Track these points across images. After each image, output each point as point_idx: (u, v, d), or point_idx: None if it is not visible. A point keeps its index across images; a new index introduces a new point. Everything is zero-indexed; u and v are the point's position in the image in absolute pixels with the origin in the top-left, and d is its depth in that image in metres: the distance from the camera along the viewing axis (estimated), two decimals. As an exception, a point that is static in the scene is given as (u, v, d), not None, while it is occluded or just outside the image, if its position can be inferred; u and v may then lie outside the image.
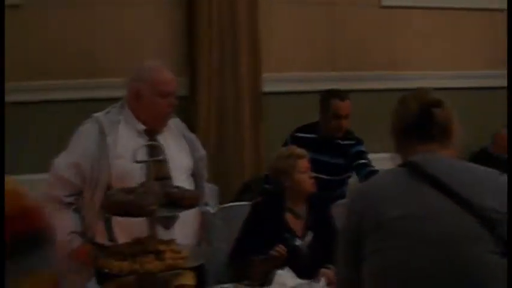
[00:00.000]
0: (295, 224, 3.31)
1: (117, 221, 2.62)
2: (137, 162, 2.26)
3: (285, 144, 3.85)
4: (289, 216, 3.32)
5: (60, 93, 4.25)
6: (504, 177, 1.91)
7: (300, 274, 3.00)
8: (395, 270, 1.82)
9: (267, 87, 4.59)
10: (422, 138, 1.93)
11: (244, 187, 4.38)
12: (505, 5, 5.40)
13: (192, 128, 4.35)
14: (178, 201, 2.27)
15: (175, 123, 3.03)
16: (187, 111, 4.43)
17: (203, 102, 4.42)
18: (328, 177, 3.83)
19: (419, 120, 1.92)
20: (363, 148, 3.97)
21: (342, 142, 4.00)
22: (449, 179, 1.83)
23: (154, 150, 2.68)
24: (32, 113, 4.21)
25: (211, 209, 3.45)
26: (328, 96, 4.00)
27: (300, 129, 4.07)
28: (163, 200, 2.25)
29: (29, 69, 4.18)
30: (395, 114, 2.00)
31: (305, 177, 3.31)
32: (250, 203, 3.88)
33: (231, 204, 4.00)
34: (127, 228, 2.56)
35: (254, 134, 4.55)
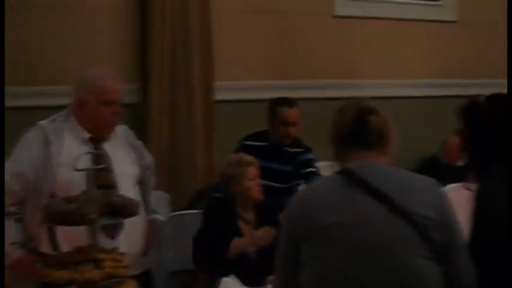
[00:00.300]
0: (245, 230, 3.35)
1: (61, 230, 2.59)
2: (77, 170, 2.24)
3: (236, 152, 3.87)
4: (240, 223, 3.35)
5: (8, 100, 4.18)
6: (439, 188, 1.95)
7: (250, 281, 3.02)
8: (333, 278, 1.84)
9: (220, 96, 4.60)
10: (358, 145, 1.96)
11: (196, 195, 4.38)
12: (453, 17, 5.54)
13: (143, 135, 4.36)
14: (120, 209, 2.26)
15: (122, 131, 3.02)
16: (139, 118, 4.41)
17: (155, 110, 4.40)
18: (277, 185, 3.85)
19: (354, 127, 1.96)
20: (311, 156, 4.01)
21: (290, 150, 4.03)
22: (383, 186, 1.86)
23: (99, 158, 2.67)
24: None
25: (160, 217, 3.44)
26: (276, 103, 4.04)
27: (249, 137, 4.10)
28: (104, 208, 2.24)
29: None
30: (333, 123, 2.04)
31: (253, 184, 3.38)
32: (201, 211, 3.90)
33: (182, 212, 4.00)
34: (71, 237, 2.52)
35: (207, 142, 4.55)
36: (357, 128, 1.95)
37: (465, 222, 1.97)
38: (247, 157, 3.47)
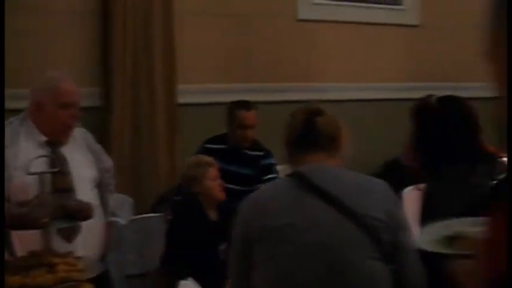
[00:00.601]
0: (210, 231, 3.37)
1: (17, 235, 2.57)
2: (30, 174, 2.23)
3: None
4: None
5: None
6: (389, 189, 1.97)
7: (211, 284, 3.03)
8: (286, 280, 1.86)
9: (182, 99, 4.59)
10: (308, 148, 1.98)
11: (159, 198, 4.36)
12: (415, 21, 5.60)
13: (106, 138, 4.34)
14: (74, 213, 2.25)
15: (80, 134, 3.00)
16: (102, 121, 4.39)
17: (117, 113, 4.38)
18: (238, 188, 3.87)
19: (303, 130, 1.97)
20: (272, 161, 4.03)
21: (250, 153, 4.05)
22: (333, 189, 1.88)
23: (55, 161, 2.65)
24: None
25: (121, 220, 3.44)
26: (233, 107, 4.07)
27: (210, 141, 4.12)
28: (58, 212, 2.23)
29: None
30: (286, 127, 2.05)
31: (215, 184, 3.42)
32: (163, 214, 3.90)
33: (144, 215, 3.99)
34: (26, 242, 2.51)
35: (169, 145, 4.55)
36: (306, 130, 1.97)
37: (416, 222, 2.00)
38: (206, 158, 3.54)
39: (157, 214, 4.00)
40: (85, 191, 2.79)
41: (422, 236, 1.54)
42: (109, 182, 3.09)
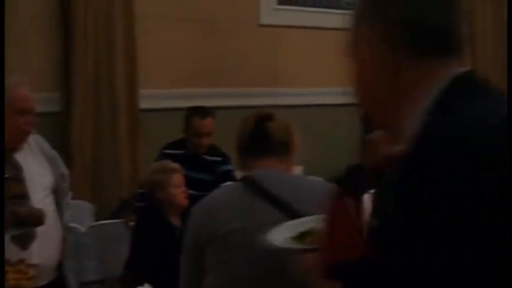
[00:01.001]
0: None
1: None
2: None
3: (156, 161, 3.87)
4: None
5: None
6: None
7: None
8: (239, 284, 1.86)
9: (144, 104, 4.58)
10: (260, 153, 1.98)
11: (121, 204, 4.34)
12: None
13: (66, 144, 4.31)
14: (25, 219, 2.23)
15: (36, 141, 2.97)
16: (62, 126, 4.36)
17: (78, 118, 4.35)
18: (197, 193, 3.86)
19: (254, 135, 1.98)
20: (230, 167, 4.03)
21: (208, 158, 4.06)
22: (284, 194, 1.88)
23: (11, 168, 2.63)
24: None
25: (80, 227, 3.41)
26: (189, 114, 4.07)
27: (169, 146, 4.11)
28: (10, 219, 2.21)
29: None
30: (238, 132, 2.06)
31: (179, 191, 3.40)
32: (123, 220, 3.88)
33: (103, 222, 3.97)
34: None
35: (131, 151, 4.53)
36: (257, 136, 1.97)
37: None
38: (172, 164, 3.51)
39: (118, 220, 3.98)
40: (40, 198, 2.76)
41: (279, 234, 1.55)
42: (65, 188, 3.07)
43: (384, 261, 0.99)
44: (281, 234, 1.53)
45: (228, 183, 3.92)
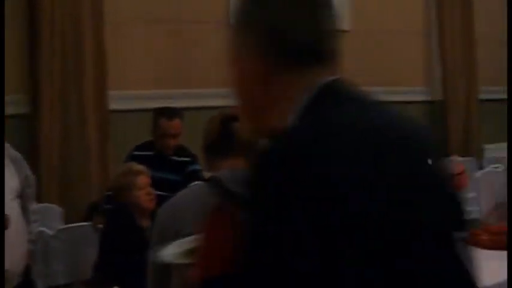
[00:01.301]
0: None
1: None
2: None
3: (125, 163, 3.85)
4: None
5: None
6: None
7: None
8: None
9: (114, 105, 4.54)
10: (225, 154, 1.98)
11: (91, 207, 4.30)
12: (346, 27, 5.69)
13: (34, 146, 4.25)
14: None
15: (-1, 144, 2.93)
16: (30, 128, 4.30)
17: (46, 120, 4.29)
18: (166, 194, 3.84)
19: (220, 135, 1.97)
20: (197, 167, 4.02)
21: (176, 159, 4.05)
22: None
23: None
24: None
25: (48, 231, 3.38)
26: (157, 115, 4.06)
27: (138, 148, 4.10)
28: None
29: None
30: (204, 132, 2.05)
31: (143, 193, 3.39)
32: (91, 223, 3.85)
33: (72, 225, 3.93)
34: None
35: (101, 153, 4.48)
36: (222, 136, 1.97)
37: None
38: (137, 166, 3.51)
39: (86, 223, 3.94)
40: (7, 201, 2.73)
41: (169, 250, 1.58)
42: (30, 191, 3.03)
43: (247, 275, 1.01)
44: (172, 249, 1.55)
45: (195, 183, 3.92)
